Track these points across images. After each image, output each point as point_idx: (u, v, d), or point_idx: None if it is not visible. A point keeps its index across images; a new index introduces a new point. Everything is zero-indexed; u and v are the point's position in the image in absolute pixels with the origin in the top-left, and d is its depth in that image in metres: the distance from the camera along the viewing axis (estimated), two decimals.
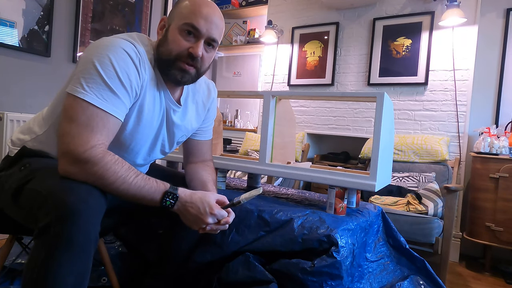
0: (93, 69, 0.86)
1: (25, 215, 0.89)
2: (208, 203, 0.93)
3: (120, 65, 0.89)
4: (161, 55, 0.98)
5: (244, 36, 3.77)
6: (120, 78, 0.88)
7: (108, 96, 0.87)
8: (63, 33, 2.49)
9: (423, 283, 1.31)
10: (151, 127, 1.04)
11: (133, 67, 0.92)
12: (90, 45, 0.92)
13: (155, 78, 1.00)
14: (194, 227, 0.96)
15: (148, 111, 1.00)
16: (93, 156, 0.83)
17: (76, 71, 0.90)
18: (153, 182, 0.91)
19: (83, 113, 0.84)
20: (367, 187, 1.21)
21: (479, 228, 2.26)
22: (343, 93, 1.34)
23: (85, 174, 0.83)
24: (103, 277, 1.43)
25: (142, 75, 0.95)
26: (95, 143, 0.84)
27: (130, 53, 0.91)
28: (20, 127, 1.08)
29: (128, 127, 0.98)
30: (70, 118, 0.84)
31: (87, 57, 0.88)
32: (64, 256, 0.74)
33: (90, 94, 0.85)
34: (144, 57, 0.96)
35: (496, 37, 2.63)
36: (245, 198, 0.99)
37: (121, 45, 0.90)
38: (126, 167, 0.87)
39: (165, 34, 0.99)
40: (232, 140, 3.57)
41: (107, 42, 0.90)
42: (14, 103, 2.26)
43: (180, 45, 0.96)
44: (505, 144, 2.30)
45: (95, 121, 0.85)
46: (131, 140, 1.01)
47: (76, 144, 0.83)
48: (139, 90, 0.95)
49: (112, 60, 0.88)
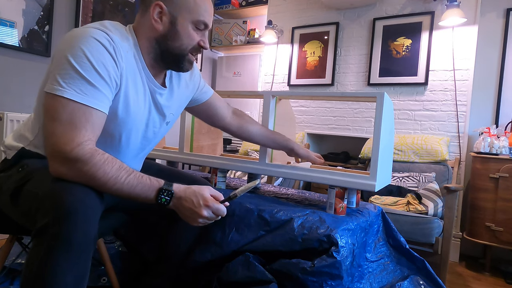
0: (67, 64, 0.83)
1: (24, 216, 0.89)
2: (202, 196, 0.91)
3: (94, 55, 0.85)
4: (172, 49, 1.00)
5: (244, 36, 3.77)
6: (96, 70, 0.85)
7: (87, 90, 0.84)
8: (63, 33, 2.49)
9: (423, 283, 1.31)
10: (140, 113, 1.02)
11: (109, 56, 0.88)
12: (62, 39, 0.89)
13: (134, 64, 0.98)
14: (191, 222, 0.94)
15: (133, 99, 0.98)
16: (81, 155, 0.81)
17: (51, 68, 0.87)
18: (146, 179, 0.89)
19: (64, 110, 0.82)
20: (367, 187, 1.21)
21: (479, 228, 2.26)
22: (343, 93, 1.34)
23: (76, 174, 0.82)
24: (103, 277, 1.43)
25: (119, 63, 0.91)
26: (81, 140, 0.82)
27: (103, 42, 0.88)
28: (12, 133, 1.06)
29: (118, 118, 0.97)
30: (52, 117, 0.82)
31: (60, 53, 0.86)
32: (62, 256, 0.74)
33: (68, 90, 0.82)
34: (119, 44, 0.92)
35: (496, 37, 2.63)
36: (241, 191, 0.98)
37: (93, 35, 0.87)
38: (117, 167, 0.85)
39: (174, 28, 0.98)
40: (232, 140, 3.57)
41: (79, 34, 0.87)
42: (14, 103, 2.26)
43: (194, 40, 1.01)
44: (505, 144, 2.30)
45: (77, 117, 0.83)
46: (123, 131, 1.00)
47: (62, 143, 0.81)
48: (119, 79, 0.93)
49: (86, 52, 0.84)
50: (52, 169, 0.83)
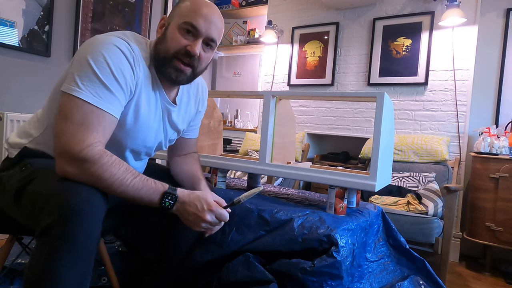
0: (87, 67, 0.86)
1: (27, 216, 0.89)
2: (205, 201, 0.93)
3: (114, 62, 0.88)
4: (159, 52, 0.98)
5: (244, 36, 3.77)
6: (114, 75, 0.88)
7: (103, 94, 0.86)
8: (63, 33, 2.49)
9: (423, 283, 1.31)
10: (149, 125, 1.04)
11: (127, 64, 0.91)
12: (84, 43, 0.92)
13: (150, 77, 1.00)
14: (193, 227, 0.95)
15: (144, 109, 1.00)
16: (90, 156, 0.82)
17: (70, 69, 0.89)
18: (151, 183, 0.90)
19: (78, 111, 0.83)
20: (367, 187, 1.21)
21: (479, 228, 2.26)
22: (343, 93, 1.34)
23: (83, 174, 0.82)
24: (103, 277, 1.43)
25: (136, 72, 0.94)
26: (92, 141, 0.83)
27: (124, 51, 0.91)
28: (16, 130, 1.07)
29: (127, 125, 0.98)
30: (65, 117, 0.84)
31: (81, 55, 0.88)
32: (66, 256, 0.74)
33: (85, 92, 0.84)
34: (138, 55, 0.95)
35: (496, 37, 2.63)
36: (245, 197, 0.99)
37: (115, 43, 0.90)
38: (123, 169, 0.86)
39: (164, 33, 0.99)
40: (232, 140, 3.57)
41: (101, 40, 0.90)
42: (14, 103, 2.26)
43: (178, 43, 0.96)
44: (505, 144, 2.30)
45: (90, 118, 0.84)
46: (129, 139, 1.01)
47: (72, 143, 0.82)
48: (134, 87, 0.95)
49: (106, 57, 0.87)
50: (58, 168, 0.84)
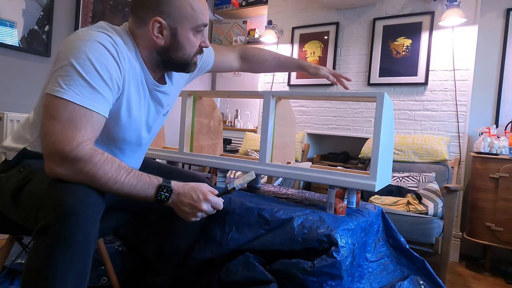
0: (69, 67, 0.83)
1: (25, 216, 0.89)
2: (201, 191, 0.93)
3: (98, 59, 0.85)
4: (175, 59, 1.01)
5: (244, 36, 3.77)
6: (99, 73, 0.85)
7: (88, 93, 0.84)
8: (63, 33, 2.49)
9: (423, 283, 1.31)
10: (141, 115, 1.04)
11: (112, 59, 0.89)
12: (64, 42, 0.88)
13: (136, 66, 0.99)
14: (189, 218, 0.94)
15: (135, 101, 0.99)
16: (82, 155, 0.80)
17: (53, 70, 0.87)
18: (145, 177, 0.89)
19: (64, 110, 0.81)
20: (367, 187, 1.20)
21: (479, 228, 2.26)
22: (343, 93, 1.33)
23: (75, 175, 0.81)
24: (103, 277, 1.43)
25: (122, 66, 0.92)
26: (81, 140, 0.82)
27: (107, 46, 0.88)
28: (12, 134, 1.05)
29: (121, 121, 0.98)
30: (51, 117, 0.82)
31: (63, 55, 0.85)
32: (63, 255, 0.74)
33: (69, 92, 0.82)
34: (121, 46, 0.93)
35: (496, 37, 2.63)
36: (239, 184, 0.99)
37: (96, 39, 0.87)
38: (116, 166, 0.85)
39: (176, 40, 0.98)
40: (232, 140, 3.57)
41: (82, 37, 0.87)
42: (14, 103, 2.26)
43: (196, 45, 1.03)
44: (505, 144, 2.30)
45: (77, 117, 0.82)
46: (125, 133, 1.01)
47: (61, 142, 0.80)
48: (122, 83, 0.93)
49: (89, 55, 0.84)
50: (48, 169, 0.82)
